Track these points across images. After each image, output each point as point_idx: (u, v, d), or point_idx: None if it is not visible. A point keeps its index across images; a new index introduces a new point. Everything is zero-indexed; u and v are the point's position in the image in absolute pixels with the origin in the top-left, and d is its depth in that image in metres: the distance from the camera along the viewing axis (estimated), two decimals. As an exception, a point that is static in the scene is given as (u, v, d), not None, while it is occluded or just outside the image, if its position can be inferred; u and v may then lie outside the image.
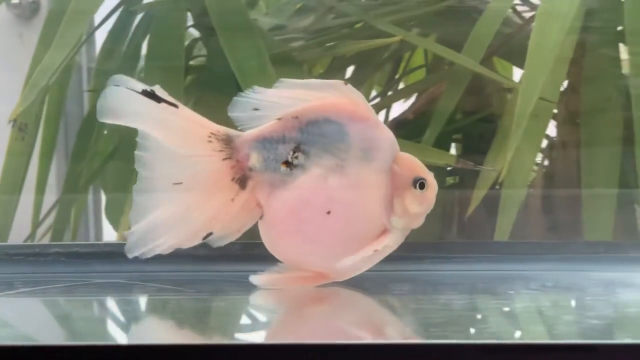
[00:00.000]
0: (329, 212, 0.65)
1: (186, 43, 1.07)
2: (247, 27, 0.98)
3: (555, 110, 1.03)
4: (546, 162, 1.07)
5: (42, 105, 1.01)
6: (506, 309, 0.62)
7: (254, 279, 0.66)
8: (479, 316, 0.61)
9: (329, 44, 1.08)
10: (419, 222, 0.68)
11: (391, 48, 1.09)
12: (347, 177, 0.65)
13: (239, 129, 0.68)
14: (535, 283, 0.67)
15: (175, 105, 0.67)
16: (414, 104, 1.04)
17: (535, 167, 1.08)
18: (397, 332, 0.57)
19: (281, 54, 1.01)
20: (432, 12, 1.05)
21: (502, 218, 0.91)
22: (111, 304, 0.65)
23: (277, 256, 0.67)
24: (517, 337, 0.53)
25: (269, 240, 0.67)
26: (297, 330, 0.57)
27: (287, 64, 1.00)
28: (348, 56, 1.08)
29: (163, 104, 0.66)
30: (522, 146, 0.91)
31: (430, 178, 0.68)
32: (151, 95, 0.66)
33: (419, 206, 0.67)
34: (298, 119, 0.66)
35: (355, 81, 1.07)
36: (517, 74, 1.08)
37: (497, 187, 0.92)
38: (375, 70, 1.13)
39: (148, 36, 1.01)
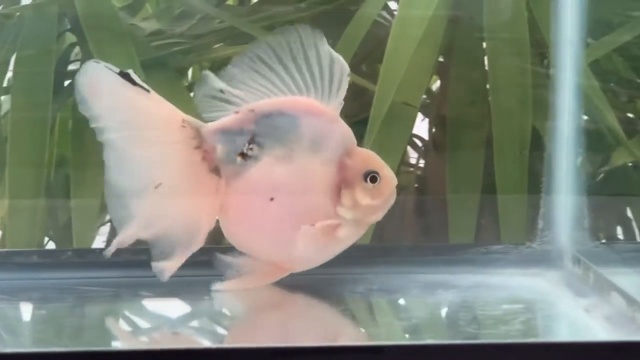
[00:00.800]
0: (271, 199, 0.68)
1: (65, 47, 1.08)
2: (118, 31, 1.00)
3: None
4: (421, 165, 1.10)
5: None
6: (323, 312, 0.65)
7: (217, 286, 0.69)
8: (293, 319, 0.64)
9: (215, 47, 1.10)
10: (376, 217, 0.70)
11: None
12: (293, 165, 0.68)
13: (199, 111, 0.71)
14: (362, 286, 0.70)
15: (148, 90, 0.68)
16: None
17: (411, 169, 1.12)
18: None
19: (155, 59, 1.02)
20: (308, 17, 1.08)
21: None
22: None
23: (235, 246, 0.70)
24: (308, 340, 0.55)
25: (225, 230, 0.70)
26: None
27: (161, 68, 1.02)
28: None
29: (137, 88, 0.68)
30: (385, 149, 0.95)
31: (384, 172, 0.70)
32: (126, 76, 0.68)
33: (370, 199, 0.69)
34: (254, 112, 0.69)
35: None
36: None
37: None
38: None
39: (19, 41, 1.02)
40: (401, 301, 0.68)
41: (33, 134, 0.96)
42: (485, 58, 0.99)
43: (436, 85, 1.11)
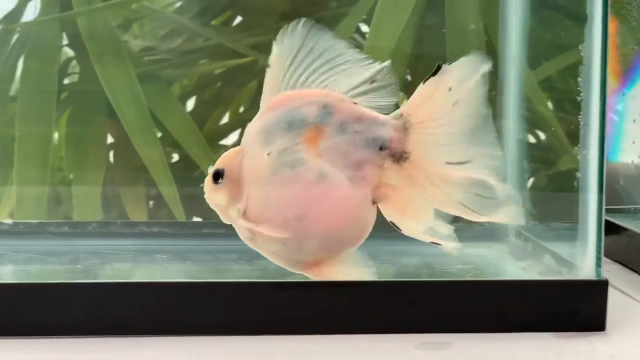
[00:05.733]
0: None
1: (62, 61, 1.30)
2: (115, 48, 1.22)
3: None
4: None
5: None
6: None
7: None
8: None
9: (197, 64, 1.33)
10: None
11: (257, 68, 1.34)
12: None
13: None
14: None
15: None
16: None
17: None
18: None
19: (147, 72, 1.25)
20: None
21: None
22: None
23: None
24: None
25: None
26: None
27: (154, 81, 1.25)
28: (215, 74, 1.33)
29: None
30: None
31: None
32: None
33: None
34: None
35: (220, 98, 1.33)
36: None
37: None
38: (241, 88, 1.38)
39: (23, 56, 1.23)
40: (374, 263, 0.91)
41: (37, 146, 1.18)
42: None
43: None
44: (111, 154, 1.26)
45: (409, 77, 1.24)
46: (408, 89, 1.25)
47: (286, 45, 0.76)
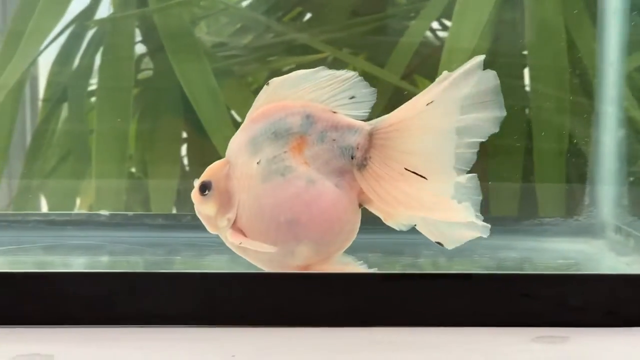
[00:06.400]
0: None
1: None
2: (191, 44, 1.22)
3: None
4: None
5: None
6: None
7: None
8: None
9: (269, 59, 1.33)
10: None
11: (326, 64, 1.33)
12: None
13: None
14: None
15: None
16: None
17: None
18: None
19: (222, 67, 1.25)
20: (362, 32, 1.31)
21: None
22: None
23: None
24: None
25: None
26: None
27: (228, 76, 1.25)
28: (284, 70, 1.33)
29: None
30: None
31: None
32: None
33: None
34: None
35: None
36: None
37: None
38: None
39: (100, 52, 1.23)
40: (473, 257, 0.90)
41: (115, 141, 1.18)
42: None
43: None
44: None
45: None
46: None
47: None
